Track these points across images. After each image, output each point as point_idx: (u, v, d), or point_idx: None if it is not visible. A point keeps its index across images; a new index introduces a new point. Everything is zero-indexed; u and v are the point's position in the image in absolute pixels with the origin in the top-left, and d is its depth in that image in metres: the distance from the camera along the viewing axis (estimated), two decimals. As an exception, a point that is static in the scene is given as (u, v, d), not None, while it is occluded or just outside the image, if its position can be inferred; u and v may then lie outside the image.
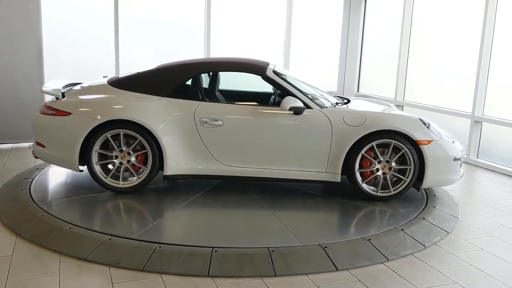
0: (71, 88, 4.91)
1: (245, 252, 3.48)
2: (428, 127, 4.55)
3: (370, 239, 3.74)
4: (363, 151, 4.48)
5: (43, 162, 5.68)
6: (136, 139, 4.50)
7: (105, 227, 3.83)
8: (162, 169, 4.58)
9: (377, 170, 4.55)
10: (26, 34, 6.44)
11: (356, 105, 5.04)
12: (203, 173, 4.63)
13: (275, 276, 3.27)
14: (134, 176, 4.61)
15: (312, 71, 9.19)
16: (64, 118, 4.51)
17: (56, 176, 5.25)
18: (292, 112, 4.49)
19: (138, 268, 3.29)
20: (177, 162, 4.56)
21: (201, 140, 4.55)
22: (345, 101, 5.18)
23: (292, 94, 4.60)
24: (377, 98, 8.65)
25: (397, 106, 8.02)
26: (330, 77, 9.29)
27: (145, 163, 4.59)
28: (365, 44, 9.18)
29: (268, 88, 5.34)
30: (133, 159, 4.56)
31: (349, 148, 4.47)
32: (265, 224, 4.07)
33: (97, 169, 4.56)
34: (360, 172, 4.56)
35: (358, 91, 9.33)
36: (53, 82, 5.08)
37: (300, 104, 4.48)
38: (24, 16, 6.40)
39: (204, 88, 4.95)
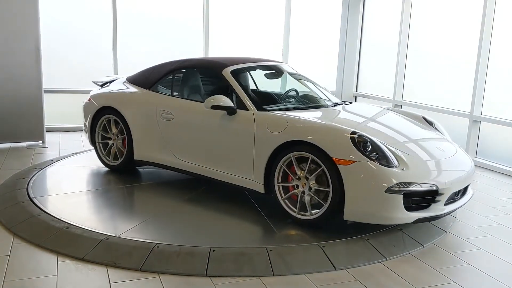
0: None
1: (243, 251, 3.48)
2: (362, 146, 3.68)
3: (368, 239, 3.73)
4: (281, 163, 3.96)
5: (41, 161, 5.75)
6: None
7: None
8: None
9: (297, 186, 3.95)
10: (24, 33, 6.42)
11: (347, 108, 4.83)
12: (162, 163, 4.95)
13: (273, 275, 3.26)
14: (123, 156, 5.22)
15: (311, 71, 9.16)
16: (88, 103, 5.51)
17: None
18: (226, 112, 4.33)
19: (136, 268, 3.28)
20: (143, 149, 5.03)
21: (160, 131, 4.88)
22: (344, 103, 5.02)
23: (238, 94, 4.43)
24: (376, 97, 8.66)
25: (396, 105, 8.02)
26: (329, 76, 9.28)
27: None
28: (364, 44, 9.17)
29: (288, 87, 5.16)
30: (119, 142, 5.23)
31: (268, 157, 4.04)
32: (137, 214, 4.26)
33: (98, 146, 5.42)
34: (284, 187, 4.04)
35: (356, 91, 9.32)
36: (106, 77, 6.07)
37: (227, 104, 4.27)
38: (22, 15, 6.37)
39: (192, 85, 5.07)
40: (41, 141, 6.77)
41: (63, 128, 7.70)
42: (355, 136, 3.74)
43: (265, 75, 5.19)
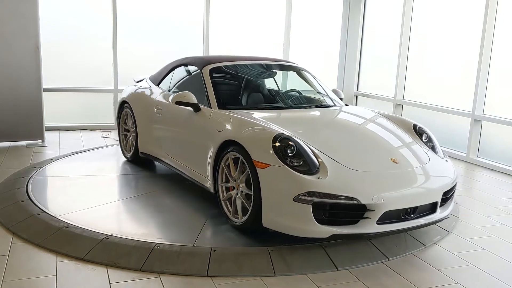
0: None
1: (244, 251, 3.46)
2: (282, 150, 3.43)
3: (370, 239, 3.71)
4: (222, 163, 3.86)
5: (40, 160, 5.73)
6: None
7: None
8: None
9: (233, 188, 3.81)
10: (23, 33, 6.39)
11: (343, 109, 4.71)
12: (158, 157, 5.08)
13: (274, 275, 3.24)
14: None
15: (311, 70, 9.15)
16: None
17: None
18: (192, 109, 4.38)
19: (137, 268, 3.26)
20: (144, 142, 5.26)
21: (155, 126, 5.08)
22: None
23: (207, 92, 4.45)
24: (376, 97, 8.64)
25: (397, 105, 8.00)
26: (330, 76, 9.26)
27: None
28: (365, 43, 9.15)
29: (301, 88, 5.14)
30: (133, 135, 5.51)
31: (214, 155, 3.94)
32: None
33: (121, 138, 5.82)
34: (227, 188, 3.91)
35: (357, 90, 9.30)
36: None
37: (190, 100, 4.31)
38: (21, 15, 6.35)
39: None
40: (40, 140, 6.74)
41: (63, 127, 7.68)
42: (278, 139, 3.50)
43: (257, 73, 5.11)
